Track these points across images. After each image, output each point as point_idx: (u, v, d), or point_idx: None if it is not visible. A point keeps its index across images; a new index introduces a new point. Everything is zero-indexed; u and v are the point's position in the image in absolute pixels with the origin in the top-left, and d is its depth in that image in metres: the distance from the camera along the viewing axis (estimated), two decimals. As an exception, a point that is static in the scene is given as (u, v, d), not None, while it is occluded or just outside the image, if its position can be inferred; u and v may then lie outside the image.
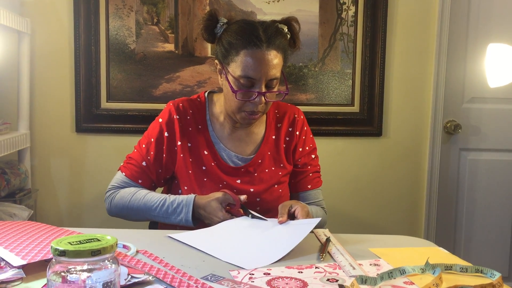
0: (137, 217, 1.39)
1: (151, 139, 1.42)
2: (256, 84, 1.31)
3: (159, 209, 1.34)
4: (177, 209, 1.32)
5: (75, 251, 0.63)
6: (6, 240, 1.02)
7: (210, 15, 1.37)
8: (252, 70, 1.29)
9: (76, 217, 2.34)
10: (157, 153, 1.41)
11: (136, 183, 1.41)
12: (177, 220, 1.32)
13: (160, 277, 0.92)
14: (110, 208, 1.42)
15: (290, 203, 1.31)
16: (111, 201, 1.41)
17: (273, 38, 1.31)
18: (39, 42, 2.26)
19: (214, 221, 1.28)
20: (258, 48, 1.29)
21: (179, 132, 1.41)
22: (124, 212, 1.39)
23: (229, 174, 1.41)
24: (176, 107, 1.44)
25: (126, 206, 1.38)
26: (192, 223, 1.31)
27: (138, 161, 1.42)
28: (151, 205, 1.35)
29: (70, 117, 2.30)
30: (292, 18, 1.40)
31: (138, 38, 2.29)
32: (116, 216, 1.43)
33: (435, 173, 2.42)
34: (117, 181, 1.43)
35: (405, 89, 2.39)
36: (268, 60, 1.29)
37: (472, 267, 0.99)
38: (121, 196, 1.39)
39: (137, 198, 1.37)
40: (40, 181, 2.32)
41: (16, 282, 0.88)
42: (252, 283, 0.92)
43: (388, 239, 1.28)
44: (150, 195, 1.37)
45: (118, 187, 1.42)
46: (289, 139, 1.49)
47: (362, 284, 0.90)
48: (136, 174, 1.42)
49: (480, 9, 2.40)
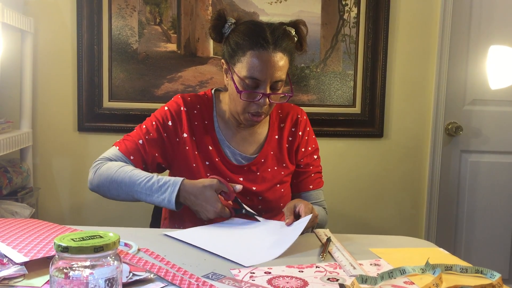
0: (117, 191, 1.32)
1: (153, 122, 1.41)
2: (261, 85, 1.31)
3: (143, 185, 1.28)
4: (162, 187, 1.27)
5: (78, 248, 0.64)
6: (9, 237, 1.03)
7: (218, 14, 1.38)
8: (258, 71, 1.29)
9: (77, 215, 2.35)
10: (157, 137, 1.39)
11: (127, 158, 1.37)
12: (160, 199, 1.27)
13: (161, 275, 0.93)
14: (92, 178, 1.36)
15: (294, 203, 1.31)
16: (96, 171, 1.36)
17: (280, 40, 1.31)
18: (42, 41, 2.27)
19: (208, 210, 1.24)
20: (264, 49, 1.29)
21: (186, 125, 1.41)
22: (106, 183, 1.33)
23: (232, 171, 1.42)
24: (184, 99, 1.43)
25: (111, 177, 1.32)
26: (174, 205, 1.26)
27: (134, 138, 1.39)
28: (136, 179, 1.29)
29: (72, 116, 2.31)
30: (300, 21, 1.40)
31: (141, 38, 2.29)
32: (95, 189, 1.37)
33: (436, 174, 2.42)
34: (108, 153, 1.39)
35: (407, 90, 2.40)
36: (274, 62, 1.30)
37: (472, 268, 0.99)
38: (107, 167, 1.34)
39: (124, 171, 1.32)
40: (42, 179, 2.33)
41: (18, 279, 0.88)
42: (253, 281, 0.92)
43: (388, 239, 1.28)
44: (138, 171, 1.32)
45: (108, 159, 1.38)
46: (292, 139, 1.49)
47: (363, 283, 0.90)
48: (130, 149, 1.38)
49: (482, 11, 2.40)
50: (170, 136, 1.41)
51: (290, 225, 1.22)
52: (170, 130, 1.41)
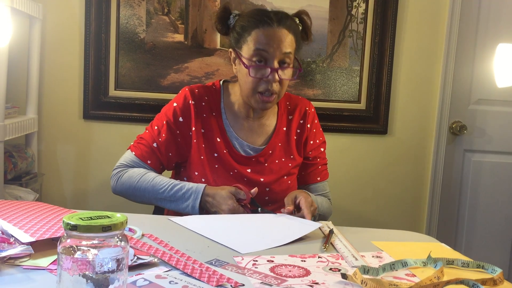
0: (141, 198, 1.38)
1: (164, 122, 1.42)
2: (269, 60, 1.32)
3: (166, 192, 1.34)
4: (185, 194, 1.32)
5: (86, 226, 0.65)
6: (16, 218, 1.04)
7: (224, 7, 1.41)
8: (264, 43, 1.31)
9: (81, 202, 2.36)
10: (169, 136, 1.41)
11: (145, 163, 1.41)
12: (183, 206, 1.33)
13: (165, 260, 0.93)
14: (115, 186, 1.41)
15: (295, 193, 1.33)
16: (118, 179, 1.40)
17: (284, 19, 1.34)
18: (50, 28, 2.28)
19: (222, 209, 1.28)
20: (269, 25, 1.32)
21: (194, 118, 1.42)
22: (129, 191, 1.39)
23: (240, 162, 1.42)
24: (192, 92, 1.44)
25: (133, 186, 1.37)
26: (198, 211, 1.32)
27: (148, 141, 1.42)
28: (159, 188, 1.35)
29: (78, 103, 2.32)
30: (302, 12, 1.42)
31: (148, 27, 2.30)
32: (119, 195, 1.42)
33: (439, 173, 2.43)
34: (126, 160, 1.42)
35: (412, 88, 2.40)
36: (280, 36, 1.31)
37: (473, 263, 1.00)
38: (129, 176, 1.38)
39: (146, 180, 1.36)
40: (46, 165, 2.34)
41: (24, 258, 0.89)
42: (255, 269, 0.93)
43: (390, 233, 1.29)
44: (160, 178, 1.37)
45: (127, 166, 1.41)
46: (300, 132, 1.50)
47: (365, 274, 0.91)
48: (146, 154, 1.41)
49: (490, 11, 2.40)
50: (183, 131, 1.42)
51: (289, 213, 1.25)
52: (182, 125, 1.42)
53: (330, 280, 0.89)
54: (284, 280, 0.88)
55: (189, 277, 0.87)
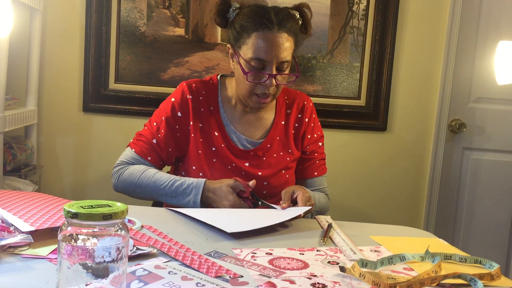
0: (142, 194, 1.39)
1: (162, 118, 1.42)
2: (267, 66, 1.32)
3: (167, 188, 1.34)
4: (186, 190, 1.33)
5: (87, 214, 0.65)
6: (16, 207, 1.04)
7: (223, 0, 1.39)
8: (263, 52, 1.30)
9: (79, 195, 2.36)
10: (168, 132, 1.41)
11: (145, 159, 1.42)
12: (185, 201, 1.33)
13: (164, 251, 0.94)
14: (116, 184, 1.42)
15: (293, 188, 1.33)
16: (119, 176, 1.41)
17: (284, 21, 1.32)
18: (50, 20, 2.27)
19: (223, 204, 1.28)
20: (269, 30, 1.30)
21: (192, 112, 1.42)
22: (131, 188, 1.39)
23: (238, 156, 1.43)
24: (189, 87, 1.44)
25: (134, 183, 1.38)
26: (200, 206, 1.32)
27: (148, 138, 1.42)
28: (160, 184, 1.35)
29: (78, 96, 2.32)
30: (303, 4, 1.41)
31: (149, 21, 2.29)
32: (121, 192, 1.43)
33: (437, 170, 2.43)
34: (126, 157, 1.43)
35: (412, 85, 2.40)
36: (279, 43, 1.30)
37: (471, 258, 1.00)
38: (130, 173, 1.39)
39: (147, 176, 1.37)
40: (45, 157, 2.34)
41: (24, 247, 0.90)
42: (254, 261, 0.93)
43: (389, 228, 1.29)
44: (160, 174, 1.37)
45: (127, 163, 1.42)
46: (298, 126, 1.50)
47: (363, 267, 0.91)
48: (145, 151, 1.42)
49: (491, 9, 2.40)
50: (182, 126, 1.42)
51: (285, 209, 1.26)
52: (181, 120, 1.42)
53: (328, 273, 0.90)
54: (282, 272, 0.89)
55: (188, 267, 0.88)
